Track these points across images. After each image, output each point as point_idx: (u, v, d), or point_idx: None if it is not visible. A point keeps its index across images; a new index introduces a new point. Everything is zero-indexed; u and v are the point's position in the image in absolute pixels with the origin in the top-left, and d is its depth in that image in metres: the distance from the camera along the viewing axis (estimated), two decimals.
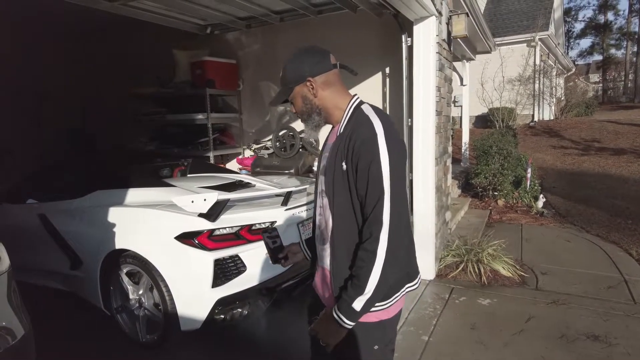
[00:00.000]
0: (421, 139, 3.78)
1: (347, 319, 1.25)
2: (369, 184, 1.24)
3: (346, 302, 1.25)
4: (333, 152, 1.36)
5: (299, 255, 1.62)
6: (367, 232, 1.25)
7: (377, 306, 1.31)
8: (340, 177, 1.31)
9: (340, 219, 1.33)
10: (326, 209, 1.39)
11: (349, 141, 1.29)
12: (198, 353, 2.85)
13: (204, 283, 2.49)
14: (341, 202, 1.32)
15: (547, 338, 2.88)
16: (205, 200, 2.51)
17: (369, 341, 1.36)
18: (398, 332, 3.00)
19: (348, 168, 1.29)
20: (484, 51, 8.20)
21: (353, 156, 1.27)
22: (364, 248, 1.24)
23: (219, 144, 5.67)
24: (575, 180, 8.32)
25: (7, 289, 1.82)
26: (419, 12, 3.61)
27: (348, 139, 1.30)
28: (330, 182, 1.34)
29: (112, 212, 2.94)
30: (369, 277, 1.22)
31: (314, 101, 1.38)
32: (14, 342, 1.80)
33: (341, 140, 1.33)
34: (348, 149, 1.29)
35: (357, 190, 1.28)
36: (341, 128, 1.36)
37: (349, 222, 1.32)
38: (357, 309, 1.24)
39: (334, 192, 1.33)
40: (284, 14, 4.62)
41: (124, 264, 2.82)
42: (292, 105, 1.45)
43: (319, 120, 1.40)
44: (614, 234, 5.12)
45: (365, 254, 1.24)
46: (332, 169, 1.34)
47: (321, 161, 1.48)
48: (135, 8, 4.32)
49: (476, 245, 4.18)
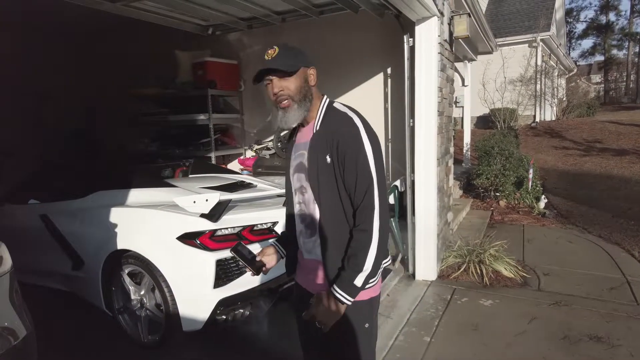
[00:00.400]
0: (423, 140, 3.78)
1: (349, 295, 1.34)
2: (358, 174, 1.35)
3: (347, 279, 1.34)
4: (313, 148, 1.42)
5: (275, 256, 1.64)
6: (361, 216, 1.36)
7: (369, 283, 1.42)
8: (325, 171, 1.40)
9: (328, 210, 1.42)
10: (309, 203, 1.47)
11: (332, 136, 1.38)
12: (199, 354, 2.85)
13: (205, 284, 2.48)
14: (328, 193, 1.41)
15: (549, 339, 2.87)
16: (207, 201, 2.51)
17: (360, 319, 1.46)
18: (400, 332, 3.00)
19: (333, 161, 1.38)
20: (486, 52, 8.19)
21: (339, 150, 1.37)
22: (361, 229, 1.35)
23: (220, 144, 5.67)
24: (577, 181, 8.30)
25: (9, 289, 1.82)
26: (420, 12, 3.60)
27: (330, 134, 1.39)
28: (315, 177, 1.42)
29: (114, 213, 2.94)
30: (367, 255, 1.34)
31: (311, 89, 1.45)
32: (15, 342, 1.80)
33: (320, 136, 1.41)
34: (332, 143, 1.38)
35: (344, 180, 1.38)
36: (317, 125, 1.44)
37: (336, 212, 1.41)
38: (358, 285, 1.35)
39: (319, 185, 1.41)
40: (286, 14, 4.62)
41: (126, 264, 2.82)
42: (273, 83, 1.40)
43: (308, 106, 1.43)
44: (616, 235, 5.11)
45: (363, 235, 1.35)
46: (314, 164, 1.42)
47: (292, 160, 1.54)
48: (137, 9, 4.33)
49: (478, 246, 4.17)
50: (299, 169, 1.50)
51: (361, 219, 1.36)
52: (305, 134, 1.49)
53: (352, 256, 1.35)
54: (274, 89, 1.41)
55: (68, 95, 6.20)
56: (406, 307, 3.40)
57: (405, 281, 3.92)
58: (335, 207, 1.41)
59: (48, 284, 3.48)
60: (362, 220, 1.35)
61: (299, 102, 1.41)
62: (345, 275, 1.35)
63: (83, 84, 6.23)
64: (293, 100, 1.41)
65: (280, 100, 1.41)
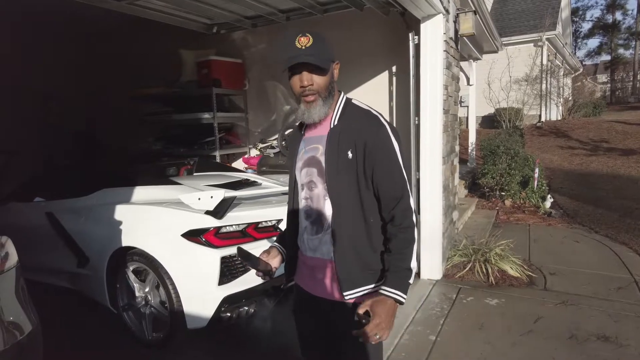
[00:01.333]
0: (428, 138, 3.76)
1: (405, 293, 1.32)
2: (394, 173, 1.36)
3: (403, 279, 1.32)
4: (332, 143, 1.39)
5: (279, 257, 1.59)
6: (401, 215, 1.35)
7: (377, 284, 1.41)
8: (345, 165, 1.36)
9: (341, 207, 1.38)
10: (319, 199, 1.43)
11: (356, 133, 1.36)
12: (203, 352, 2.85)
13: (210, 281, 2.48)
14: (346, 188, 1.38)
15: (556, 338, 2.84)
16: (212, 198, 2.51)
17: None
18: (405, 331, 2.98)
19: (357, 158, 1.36)
20: (491, 51, 8.15)
21: (367, 148, 1.34)
22: (404, 227, 1.35)
23: (224, 143, 5.67)
24: (583, 180, 8.24)
25: (15, 285, 1.82)
26: (426, 10, 3.58)
27: (355, 131, 1.36)
28: (332, 173, 1.38)
29: (119, 210, 2.94)
30: (412, 253, 1.34)
31: (334, 85, 1.41)
32: (21, 337, 1.80)
33: (341, 132, 1.38)
34: (358, 141, 1.35)
35: (373, 178, 1.36)
36: (335, 120, 1.41)
37: (354, 209, 1.38)
38: (410, 282, 1.34)
39: (338, 179, 1.38)
40: (291, 12, 4.61)
41: (131, 261, 2.82)
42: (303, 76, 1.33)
43: (331, 103, 1.40)
44: (623, 235, 5.06)
45: (408, 231, 1.35)
46: (333, 160, 1.38)
47: (301, 155, 1.48)
48: (142, 7, 4.34)
49: (484, 245, 4.15)
50: (310, 163, 1.45)
51: (401, 217, 1.35)
52: (321, 129, 1.44)
53: (400, 254, 1.33)
54: (304, 81, 1.33)
55: (73, 94, 6.22)
56: (411, 306, 3.37)
57: None
58: (353, 204, 1.38)
59: (53, 281, 3.49)
60: (404, 218, 1.35)
61: (324, 98, 1.37)
62: (400, 276, 1.32)
63: (88, 83, 6.25)
64: (319, 96, 1.36)
65: (307, 94, 1.35)
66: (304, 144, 1.49)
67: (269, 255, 1.55)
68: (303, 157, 1.48)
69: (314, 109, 1.37)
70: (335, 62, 1.40)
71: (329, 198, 1.40)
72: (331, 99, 1.40)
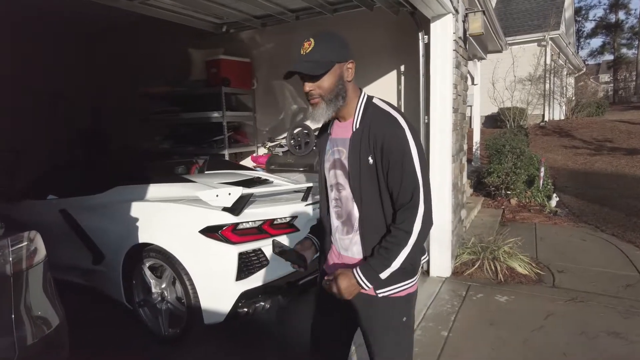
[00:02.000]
0: (438, 136, 3.79)
1: (371, 284, 1.38)
2: (404, 176, 1.35)
3: (374, 271, 1.37)
4: (354, 148, 1.40)
5: (313, 249, 1.65)
6: (403, 215, 1.36)
7: (408, 283, 1.45)
8: (367, 171, 1.39)
9: (368, 208, 1.42)
10: (347, 201, 1.47)
11: (375, 137, 1.36)
12: (215, 347, 2.89)
13: (228, 276, 2.52)
14: (369, 192, 1.41)
15: (567, 335, 2.88)
16: (230, 195, 2.54)
17: (399, 314, 1.49)
18: (417, 327, 3.02)
19: (377, 162, 1.37)
20: (495, 50, 8.16)
21: (384, 151, 1.35)
22: (401, 228, 1.36)
23: (233, 142, 5.71)
24: (588, 180, 8.26)
25: (43, 279, 1.87)
26: (436, 9, 3.62)
27: (374, 135, 1.36)
28: (356, 177, 1.41)
29: (135, 207, 2.98)
30: (399, 254, 1.35)
31: (346, 85, 1.41)
32: (49, 331, 1.84)
33: (362, 136, 1.39)
34: (377, 145, 1.36)
35: (387, 181, 1.37)
36: (357, 122, 1.42)
37: (376, 210, 1.42)
38: (382, 278, 1.38)
39: (361, 186, 1.41)
40: (300, 12, 4.65)
41: (147, 258, 2.86)
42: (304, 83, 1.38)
43: (341, 104, 1.41)
44: (630, 233, 5.09)
45: (401, 233, 1.35)
46: (357, 165, 1.40)
47: (328, 156, 1.52)
48: (153, 6, 4.38)
49: (492, 243, 4.18)
50: (336, 165, 1.49)
51: (402, 218, 1.36)
52: (344, 130, 1.46)
53: (385, 250, 1.36)
54: (305, 88, 1.39)
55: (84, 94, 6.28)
56: (422, 303, 3.41)
57: (420, 277, 3.92)
58: (375, 206, 1.41)
59: (67, 278, 3.52)
60: (403, 220, 1.35)
61: (329, 101, 1.38)
62: (374, 267, 1.36)
63: (99, 83, 6.30)
64: (322, 100, 1.38)
65: (309, 98, 1.40)
66: (330, 145, 1.52)
67: (302, 246, 1.61)
68: (330, 158, 1.51)
69: (316, 111, 1.40)
70: (346, 61, 1.39)
71: (354, 202, 1.44)
72: (340, 100, 1.39)
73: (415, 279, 1.49)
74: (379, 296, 1.43)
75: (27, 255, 1.77)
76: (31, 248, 1.79)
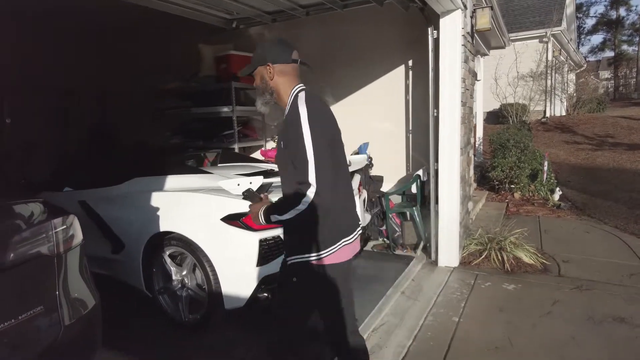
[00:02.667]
0: (447, 130, 3.88)
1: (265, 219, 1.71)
2: (297, 155, 1.59)
3: (269, 211, 1.69)
4: (278, 134, 1.83)
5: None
6: (300, 187, 1.58)
7: (308, 256, 1.68)
8: (281, 155, 1.72)
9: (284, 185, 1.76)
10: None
11: (283, 124, 1.71)
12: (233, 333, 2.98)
13: (249, 262, 2.61)
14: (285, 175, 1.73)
15: (574, 320, 2.98)
16: (251, 184, 2.63)
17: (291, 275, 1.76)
18: (429, 313, 3.11)
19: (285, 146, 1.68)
20: (498, 46, 8.25)
21: (286, 136, 1.67)
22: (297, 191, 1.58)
23: (242, 136, 5.78)
24: (590, 174, 8.36)
25: (80, 262, 1.96)
26: (446, 5, 3.70)
27: (283, 123, 1.71)
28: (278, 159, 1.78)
29: (155, 197, 3.07)
30: (288, 211, 1.61)
31: (269, 83, 1.75)
32: (85, 312, 1.93)
33: (282, 124, 1.73)
34: (283, 131, 1.70)
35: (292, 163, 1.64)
36: (284, 113, 1.73)
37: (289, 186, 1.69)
38: (271, 220, 1.68)
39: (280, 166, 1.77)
40: (310, 7, 4.70)
41: (168, 246, 2.94)
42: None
43: (269, 98, 1.76)
44: (633, 226, 5.19)
45: (295, 195, 1.58)
46: (279, 149, 1.74)
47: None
48: (164, 1, 4.42)
49: (498, 234, 4.28)
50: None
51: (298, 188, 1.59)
52: None
53: (283, 201, 1.68)
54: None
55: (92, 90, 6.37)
56: (432, 291, 3.51)
57: (428, 267, 4.03)
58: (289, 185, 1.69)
59: None
60: (299, 189, 1.58)
61: (260, 94, 1.78)
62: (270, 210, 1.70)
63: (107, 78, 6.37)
64: (257, 93, 1.79)
65: None
66: None
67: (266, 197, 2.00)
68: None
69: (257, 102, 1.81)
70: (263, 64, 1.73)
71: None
72: (267, 95, 1.75)
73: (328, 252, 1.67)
74: (288, 263, 1.75)
75: (66, 239, 1.86)
76: (69, 232, 1.88)
